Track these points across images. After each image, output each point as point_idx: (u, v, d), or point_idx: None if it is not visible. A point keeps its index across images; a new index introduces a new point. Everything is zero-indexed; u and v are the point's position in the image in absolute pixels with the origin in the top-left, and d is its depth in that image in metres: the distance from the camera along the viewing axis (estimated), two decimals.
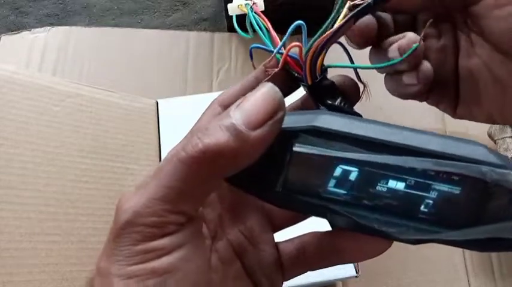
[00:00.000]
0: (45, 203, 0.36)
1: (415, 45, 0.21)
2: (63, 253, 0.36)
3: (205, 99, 0.23)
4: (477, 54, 0.25)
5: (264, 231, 0.24)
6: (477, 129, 0.55)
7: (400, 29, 0.25)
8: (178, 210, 0.18)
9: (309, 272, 0.24)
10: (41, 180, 0.37)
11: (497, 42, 0.24)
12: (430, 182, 0.18)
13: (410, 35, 0.22)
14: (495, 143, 0.50)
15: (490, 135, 0.51)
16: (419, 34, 0.23)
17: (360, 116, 0.21)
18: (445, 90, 0.27)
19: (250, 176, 0.19)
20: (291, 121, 0.19)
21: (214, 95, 0.23)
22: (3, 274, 0.33)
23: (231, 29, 0.63)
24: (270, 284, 0.23)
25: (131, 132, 0.44)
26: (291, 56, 0.21)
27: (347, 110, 0.21)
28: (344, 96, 0.22)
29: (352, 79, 0.23)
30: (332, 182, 0.19)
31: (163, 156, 0.45)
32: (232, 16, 0.23)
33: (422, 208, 0.19)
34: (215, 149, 0.17)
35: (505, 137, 0.48)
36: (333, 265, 0.23)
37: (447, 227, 0.19)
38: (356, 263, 0.40)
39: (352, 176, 0.19)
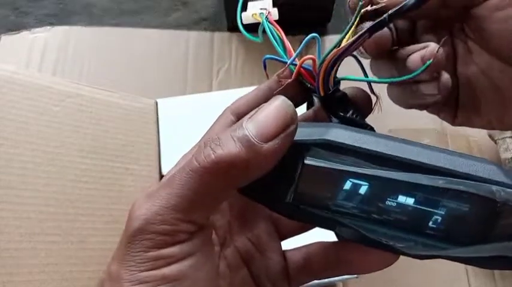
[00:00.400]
0: (45, 203, 0.36)
1: (429, 61, 0.21)
2: (63, 253, 0.36)
3: (205, 99, 0.23)
4: (475, 62, 0.25)
5: (272, 239, 0.24)
6: (477, 129, 0.55)
7: (399, 36, 0.25)
8: (189, 219, 0.18)
9: None
10: (41, 180, 0.37)
11: (496, 47, 0.24)
12: (439, 198, 0.18)
13: (433, 45, 0.22)
14: (495, 143, 0.50)
15: (490, 136, 0.51)
16: (420, 41, 0.23)
17: (372, 128, 0.21)
18: (445, 98, 0.27)
19: (261, 187, 0.19)
20: (303, 134, 0.19)
21: (214, 94, 0.23)
22: (3, 274, 0.33)
23: (231, 29, 0.63)
24: None
25: (131, 132, 0.44)
26: (304, 68, 0.21)
27: (359, 122, 0.21)
28: (356, 108, 0.22)
29: (364, 91, 0.23)
30: (342, 195, 0.19)
31: (162, 156, 0.45)
32: (237, 19, 0.23)
33: (430, 223, 0.19)
34: (227, 160, 0.17)
35: (505, 137, 0.48)
36: (339, 275, 0.23)
37: (454, 244, 0.19)
38: None
39: (362, 190, 0.19)
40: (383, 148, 0.18)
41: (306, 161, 0.19)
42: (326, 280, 0.40)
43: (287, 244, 0.25)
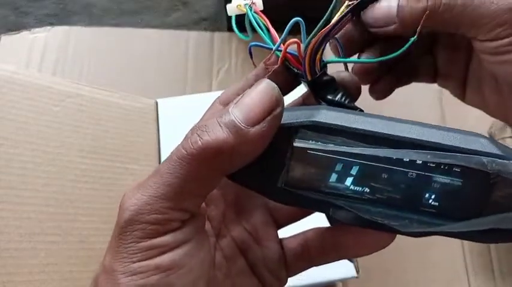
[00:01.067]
0: (45, 203, 0.36)
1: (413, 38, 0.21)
2: (63, 253, 0.36)
3: (205, 99, 0.23)
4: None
5: (268, 228, 0.24)
6: (477, 129, 0.55)
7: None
8: (180, 207, 0.18)
9: (309, 273, 0.24)
10: (41, 180, 0.37)
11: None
12: (431, 174, 0.18)
13: None
14: None
15: (490, 136, 0.51)
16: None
17: (362, 110, 0.21)
18: (455, 73, 0.27)
19: (252, 173, 0.19)
20: (291, 117, 0.19)
21: (214, 94, 0.23)
22: (3, 274, 0.33)
23: (231, 29, 0.63)
24: (275, 280, 0.23)
25: (131, 132, 0.44)
26: (290, 53, 0.21)
27: (348, 105, 0.21)
28: (345, 92, 0.22)
29: (352, 75, 0.23)
30: (333, 177, 0.19)
31: (163, 156, 0.45)
32: (231, 17, 0.23)
33: (424, 200, 0.19)
34: (214, 146, 0.17)
35: (505, 137, 0.48)
36: (336, 260, 0.23)
37: (450, 219, 0.19)
38: (356, 264, 0.40)
39: (353, 171, 0.19)
40: (372, 126, 0.18)
41: (295, 144, 0.19)
42: (326, 279, 0.40)
43: (284, 232, 0.25)
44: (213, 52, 0.61)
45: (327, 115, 0.19)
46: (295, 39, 0.21)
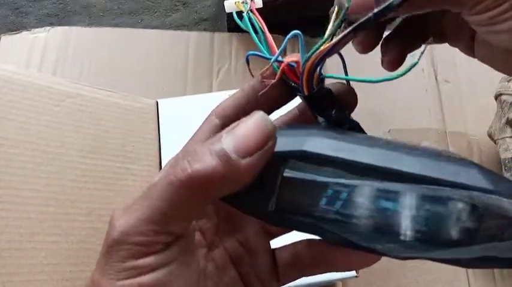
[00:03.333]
0: (45, 203, 0.36)
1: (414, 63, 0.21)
2: (63, 253, 0.36)
3: (205, 100, 0.23)
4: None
5: (260, 239, 0.24)
6: (477, 129, 0.55)
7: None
8: (165, 230, 0.18)
9: None
10: (41, 180, 0.37)
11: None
12: (420, 203, 0.18)
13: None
14: (495, 143, 0.50)
15: (490, 136, 0.51)
16: None
17: (358, 124, 0.21)
18: (463, 34, 0.26)
19: (243, 197, 0.19)
20: (281, 143, 0.19)
21: (214, 95, 0.23)
22: (3, 274, 0.33)
23: (231, 29, 0.63)
24: None
25: (131, 132, 0.44)
26: (288, 65, 0.21)
27: (345, 119, 0.21)
28: (341, 104, 0.21)
29: (347, 86, 0.22)
30: (322, 203, 0.19)
31: (163, 156, 0.45)
32: (231, 16, 0.23)
33: (414, 226, 0.19)
34: (203, 174, 0.17)
35: (505, 137, 0.48)
36: (327, 272, 0.23)
37: (436, 246, 0.19)
38: None
39: (342, 198, 0.19)
40: (361, 157, 0.18)
41: (285, 174, 0.19)
42: (325, 279, 0.40)
43: (276, 243, 0.25)
44: (213, 52, 0.61)
45: (317, 143, 0.19)
46: (295, 58, 0.20)
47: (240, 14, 0.23)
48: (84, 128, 0.41)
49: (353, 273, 0.40)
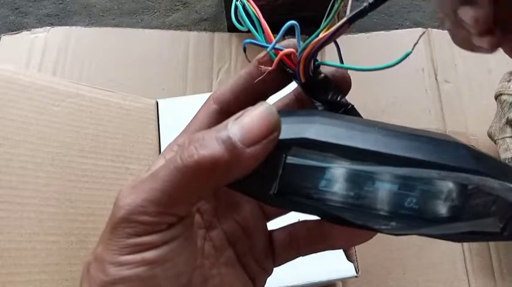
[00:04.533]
0: (45, 203, 0.36)
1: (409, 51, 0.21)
2: (63, 253, 0.36)
3: (205, 100, 0.23)
4: None
5: (258, 220, 0.25)
6: (477, 129, 0.55)
7: None
8: (170, 212, 0.19)
9: (309, 273, 0.24)
10: (41, 180, 0.37)
11: None
12: (414, 183, 0.20)
13: None
14: (495, 143, 0.50)
15: (490, 135, 0.51)
16: None
17: (353, 107, 0.22)
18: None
19: (245, 181, 0.20)
20: (283, 130, 0.19)
21: None
22: (3, 274, 0.33)
23: (231, 29, 0.63)
24: (261, 270, 0.24)
25: (131, 132, 0.44)
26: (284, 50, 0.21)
27: (341, 103, 0.22)
28: (336, 87, 0.22)
29: (341, 70, 0.23)
30: (322, 184, 0.20)
31: None
32: (231, 11, 0.23)
33: (405, 204, 0.20)
34: (209, 161, 0.18)
35: (505, 137, 0.48)
36: (323, 250, 0.24)
37: (428, 222, 0.20)
38: (356, 263, 0.40)
39: (340, 180, 0.20)
40: (361, 142, 0.19)
41: (288, 161, 0.20)
42: (326, 279, 0.40)
43: (272, 224, 0.26)
44: (213, 52, 0.61)
45: (317, 130, 0.20)
46: (291, 50, 0.21)
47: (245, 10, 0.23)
48: (84, 128, 0.41)
49: (353, 273, 0.40)
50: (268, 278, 0.25)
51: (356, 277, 0.40)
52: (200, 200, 0.21)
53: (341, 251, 0.41)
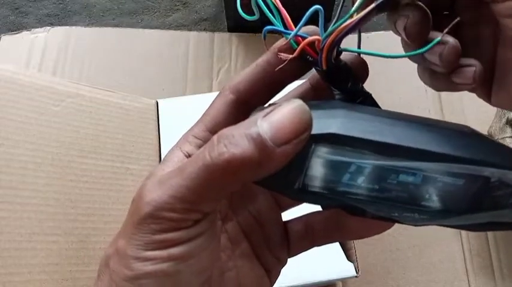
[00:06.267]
0: (45, 203, 0.36)
1: (436, 40, 0.21)
2: (63, 253, 0.36)
3: (206, 99, 0.23)
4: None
5: (272, 212, 0.25)
6: (477, 129, 0.55)
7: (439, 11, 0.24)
8: (196, 209, 0.19)
9: (309, 272, 0.24)
10: (41, 180, 0.37)
11: None
12: (437, 175, 0.20)
13: (452, 42, 0.21)
14: None
15: (490, 135, 0.51)
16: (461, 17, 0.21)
17: (370, 96, 0.22)
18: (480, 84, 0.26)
19: (271, 177, 0.20)
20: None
21: (214, 95, 0.23)
22: (3, 274, 0.33)
23: (231, 29, 0.63)
24: (276, 261, 0.24)
25: (131, 132, 0.44)
26: (305, 37, 0.21)
27: (360, 92, 0.22)
28: (355, 76, 0.22)
29: (359, 57, 0.22)
30: (345, 177, 0.20)
31: (163, 156, 0.45)
32: (232, 13, 0.23)
33: (427, 196, 0.20)
34: (239, 160, 0.18)
35: (505, 137, 0.48)
36: (339, 241, 0.24)
37: (450, 213, 0.20)
38: (356, 263, 0.40)
39: (365, 173, 0.20)
40: (387, 137, 0.19)
41: (314, 155, 0.20)
42: (326, 279, 0.40)
43: (288, 215, 0.26)
44: (213, 52, 0.61)
45: (344, 125, 0.19)
46: (317, 37, 0.20)
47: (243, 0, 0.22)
48: (83, 128, 0.41)
49: (353, 273, 0.40)
50: None
51: (356, 277, 0.40)
52: (226, 196, 0.21)
53: (341, 251, 0.41)
